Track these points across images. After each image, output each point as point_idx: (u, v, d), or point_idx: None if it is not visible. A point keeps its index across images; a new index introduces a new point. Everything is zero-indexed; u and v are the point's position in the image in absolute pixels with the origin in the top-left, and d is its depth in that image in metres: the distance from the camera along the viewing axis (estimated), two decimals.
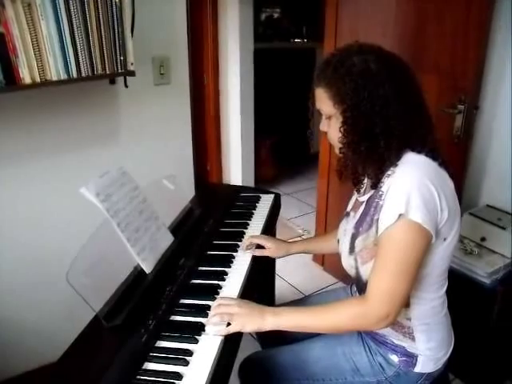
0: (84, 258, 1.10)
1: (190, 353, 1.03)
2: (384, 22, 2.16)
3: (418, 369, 1.19)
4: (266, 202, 1.84)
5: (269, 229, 1.66)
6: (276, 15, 4.83)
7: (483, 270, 1.81)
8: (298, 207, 3.78)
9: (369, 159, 1.08)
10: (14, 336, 1.83)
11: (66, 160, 1.82)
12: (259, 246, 1.48)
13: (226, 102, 3.46)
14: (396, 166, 1.07)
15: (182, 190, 1.67)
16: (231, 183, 3.64)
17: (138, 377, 0.97)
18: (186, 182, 2.14)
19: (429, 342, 1.19)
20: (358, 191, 1.19)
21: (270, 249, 1.47)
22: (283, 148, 4.39)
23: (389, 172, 1.08)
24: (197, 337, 1.08)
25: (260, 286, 1.58)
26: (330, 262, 2.87)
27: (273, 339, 1.43)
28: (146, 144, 2.00)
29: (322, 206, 2.83)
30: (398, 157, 1.07)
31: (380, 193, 1.09)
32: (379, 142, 1.05)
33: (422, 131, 1.10)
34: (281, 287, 2.53)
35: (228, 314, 1.10)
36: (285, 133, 4.43)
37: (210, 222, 1.61)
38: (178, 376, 0.96)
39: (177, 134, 2.11)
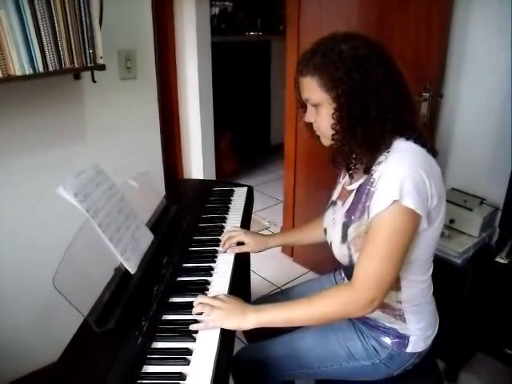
0: (69, 262, 1.05)
1: (189, 352, 1.00)
2: (347, 13, 2.19)
3: (409, 349, 1.22)
4: (239, 195, 1.82)
5: (246, 221, 1.65)
6: (229, 9, 4.79)
7: (454, 251, 1.88)
8: (262, 200, 3.78)
9: (364, 144, 1.08)
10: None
11: (31, 160, 1.73)
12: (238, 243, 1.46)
13: (184, 97, 3.40)
14: (388, 152, 1.08)
15: (155, 187, 1.63)
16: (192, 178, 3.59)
17: (139, 381, 0.93)
18: (156, 178, 2.09)
19: (419, 323, 1.22)
20: (351, 176, 1.19)
21: (249, 244, 1.45)
22: (242, 141, 4.38)
23: (380, 159, 1.09)
24: (194, 335, 1.05)
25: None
26: (298, 253, 2.89)
27: (258, 334, 1.41)
28: (113, 141, 1.93)
29: (289, 198, 2.84)
30: (390, 143, 1.08)
31: (371, 180, 1.09)
32: (375, 126, 1.06)
33: (410, 116, 1.12)
34: (253, 280, 2.52)
35: (210, 306, 1.09)
36: (243, 126, 4.42)
37: (187, 218, 1.58)
38: (182, 376, 0.93)
39: (144, 129, 2.05)
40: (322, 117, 1.12)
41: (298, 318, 1.11)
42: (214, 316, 1.07)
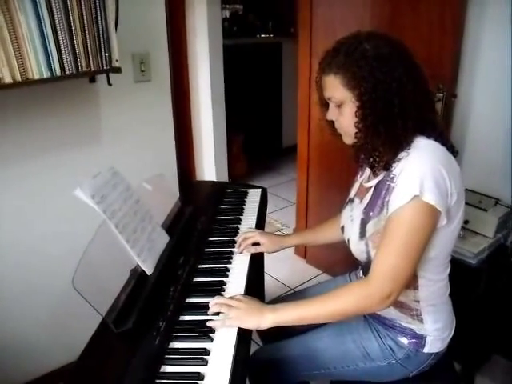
0: (86, 263, 1.06)
1: (207, 352, 1.00)
2: (360, 14, 2.18)
3: (426, 349, 1.21)
4: (254, 196, 1.82)
5: (260, 222, 1.65)
6: (240, 11, 4.80)
7: (469, 251, 1.86)
8: (274, 202, 3.77)
9: (387, 141, 1.08)
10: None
11: (48, 162, 1.76)
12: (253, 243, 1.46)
13: (196, 99, 3.41)
14: (408, 149, 1.08)
15: (170, 189, 1.64)
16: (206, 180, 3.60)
17: (158, 381, 0.93)
18: (170, 180, 2.10)
19: (436, 323, 1.21)
20: (375, 174, 1.18)
21: (265, 244, 1.46)
22: (254, 143, 4.38)
23: (400, 156, 1.09)
24: (211, 335, 1.05)
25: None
26: (312, 255, 2.89)
27: (274, 335, 1.42)
28: (128, 143, 1.95)
29: (302, 200, 2.84)
30: (411, 140, 1.09)
31: (391, 176, 1.10)
32: (397, 123, 1.06)
33: (431, 114, 1.13)
34: (266, 282, 2.52)
35: (227, 305, 1.09)
36: (255, 128, 4.42)
37: (202, 220, 1.58)
38: (199, 376, 0.94)
39: (159, 132, 2.07)
40: (345, 115, 1.12)
41: (315, 314, 1.12)
42: (231, 315, 1.08)
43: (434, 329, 1.21)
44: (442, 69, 1.95)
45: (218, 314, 1.11)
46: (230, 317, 1.08)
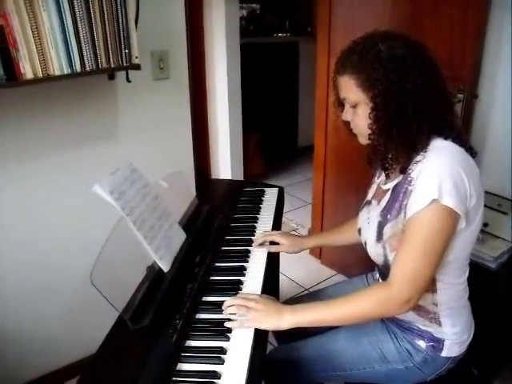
0: (104, 259, 1.06)
1: (223, 351, 1.00)
2: (379, 14, 2.16)
3: (444, 353, 1.19)
4: (270, 195, 1.82)
5: (277, 221, 1.64)
6: (257, 10, 4.80)
7: (488, 255, 1.83)
8: (289, 202, 3.75)
9: (401, 144, 1.07)
10: (10, 345, 1.80)
11: (66, 158, 1.77)
12: (272, 243, 1.46)
13: (213, 98, 3.42)
14: (425, 151, 1.07)
15: (187, 187, 1.64)
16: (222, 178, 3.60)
17: (174, 378, 0.93)
18: (187, 178, 2.10)
19: (454, 327, 1.19)
20: (388, 176, 1.17)
21: (285, 244, 1.46)
22: (270, 143, 4.37)
23: (418, 158, 1.07)
24: (228, 334, 1.05)
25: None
26: (326, 255, 2.87)
27: (289, 335, 1.41)
28: (145, 140, 1.95)
29: (318, 200, 2.83)
30: (427, 142, 1.07)
31: (409, 179, 1.08)
32: (411, 126, 1.04)
33: (448, 116, 1.10)
34: (280, 282, 2.51)
35: (245, 307, 1.09)
36: (271, 127, 4.41)
37: (219, 218, 1.58)
38: (216, 375, 0.93)
39: (176, 129, 2.07)
40: (359, 116, 1.11)
41: (334, 317, 1.11)
42: (250, 317, 1.07)
43: (453, 332, 1.19)
44: (463, 69, 1.93)
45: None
46: (248, 318, 1.07)
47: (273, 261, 1.43)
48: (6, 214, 1.68)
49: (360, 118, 1.11)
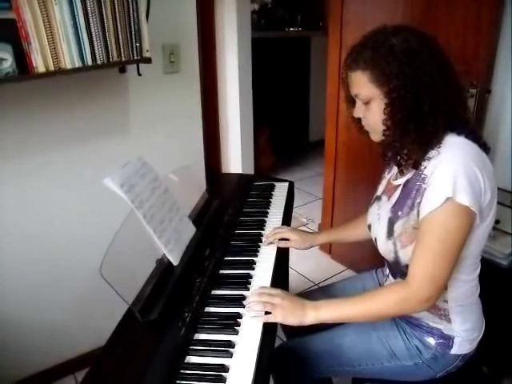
0: (114, 252, 1.07)
1: (232, 344, 1.00)
2: (392, 7, 2.14)
3: (454, 350, 1.19)
4: (281, 190, 1.81)
5: (287, 216, 1.64)
6: (269, 4, 4.77)
7: (500, 252, 1.81)
8: (300, 196, 3.75)
9: (417, 139, 1.05)
10: (21, 336, 1.83)
11: (77, 151, 1.78)
12: (283, 238, 1.46)
13: (224, 92, 3.41)
14: (439, 147, 1.05)
15: (197, 180, 1.65)
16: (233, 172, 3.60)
17: (182, 371, 0.94)
18: (197, 171, 2.12)
19: (464, 324, 1.18)
20: (402, 172, 1.16)
21: (295, 240, 1.46)
22: (281, 137, 4.36)
23: (431, 154, 1.06)
24: (236, 328, 1.05)
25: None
26: (336, 250, 2.86)
27: (298, 329, 1.41)
28: (156, 134, 1.96)
29: (328, 195, 2.82)
30: (443, 137, 1.06)
31: (422, 176, 1.07)
32: (427, 121, 1.03)
33: (461, 110, 1.09)
34: (290, 276, 2.51)
35: (271, 304, 1.09)
36: (282, 122, 4.40)
37: (229, 212, 1.58)
38: (224, 368, 0.94)
39: (187, 123, 2.07)
40: (373, 112, 1.09)
41: (355, 314, 1.12)
42: (276, 313, 1.08)
43: (463, 329, 1.18)
44: (477, 64, 1.90)
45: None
46: (274, 314, 1.08)
47: (282, 255, 1.43)
48: (18, 207, 1.69)
49: (373, 114, 1.10)
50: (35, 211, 1.74)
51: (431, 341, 1.20)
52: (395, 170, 1.24)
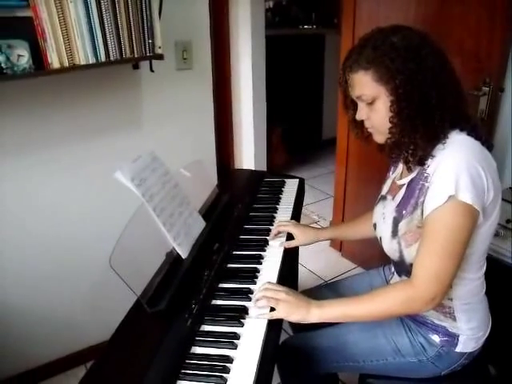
0: (125, 244, 1.09)
1: (237, 336, 1.02)
2: (405, 5, 2.13)
3: (459, 348, 1.19)
4: (291, 186, 1.83)
5: (296, 212, 1.66)
6: (283, 2, 4.77)
7: (508, 251, 1.81)
8: (311, 194, 3.76)
9: (425, 134, 1.05)
10: (29, 328, 1.86)
11: (90, 146, 1.81)
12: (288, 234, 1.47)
13: (237, 89, 3.43)
14: (444, 143, 1.06)
15: (208, 176, 1.66)
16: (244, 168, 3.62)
17: (188, 361, 0.96)
18: (209, 167, 2.13)
19: (470, 322, 1.18)
20: (410, 169, 1.16)
21: (298, 237, 1.47)
22: (294, 135, 4.37)
23: (434, 153, 1.07)
24: (242, 320, 1.07)
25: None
26: (347, 248, 2.87)
27: (304, 324, 1.42)
28: (168, 129, 1.98)
29: (339, 193, 2.82)
30: (449, 131, 1.06)
31: (425, 175, 1.07)
32: (435, 115, 1.03)
33: (465, 106, 1.09)
34: (300, 273, 2.52)
35: (275, 299, 1.10)
36: (296, 120, 4.40)
37: (238, 207, 1.60)
38: (228, 359, 0.96)
39: (199, 119, 2.09)
40: (378, 111, 1.09)
41: (360, 314, 1.13)
42: (280, 309, 1.10)
43: (468, 328, 1.18)
44: (490, 62, 1.88)
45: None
46: (278, 310, 1.10)
47: (290, 251, 1.45)
48: (31, 199, 1.73)
49: (379, 113, 1.09)
50: (47, 204, 1.77)
51: (436, 338, 1.20)
52: (399, 169, 1.24)
